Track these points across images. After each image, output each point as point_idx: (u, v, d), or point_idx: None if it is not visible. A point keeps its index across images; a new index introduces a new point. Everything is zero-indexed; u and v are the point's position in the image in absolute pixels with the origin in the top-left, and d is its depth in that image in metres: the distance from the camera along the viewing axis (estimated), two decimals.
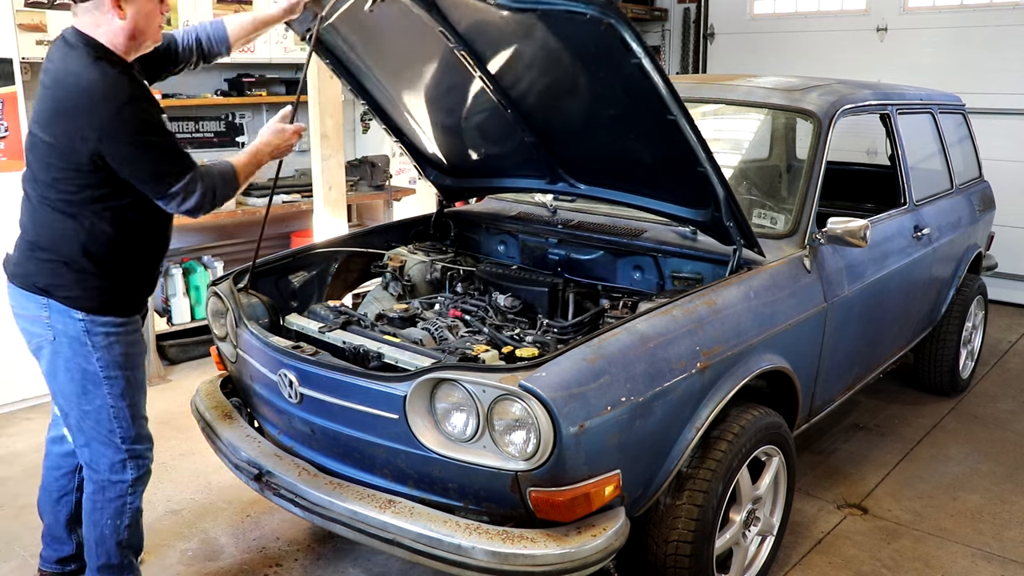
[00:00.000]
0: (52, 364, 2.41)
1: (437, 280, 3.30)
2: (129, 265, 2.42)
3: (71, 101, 2.19)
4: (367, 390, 2.26)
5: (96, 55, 2.20)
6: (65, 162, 2.24)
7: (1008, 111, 6.10)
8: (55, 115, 2.22)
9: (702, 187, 2.57)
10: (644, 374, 2.23)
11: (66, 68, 2.21)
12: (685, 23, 7.93)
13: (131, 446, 2.46)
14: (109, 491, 2.47)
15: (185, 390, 4.43)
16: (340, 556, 3.02)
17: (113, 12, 2.21)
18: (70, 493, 2.71)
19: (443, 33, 2.60)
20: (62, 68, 2.22)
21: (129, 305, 2.44)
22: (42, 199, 2.33)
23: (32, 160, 2.34)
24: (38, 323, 2.39)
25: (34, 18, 4.28)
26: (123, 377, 2.42)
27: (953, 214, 4.18)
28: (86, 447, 2.46)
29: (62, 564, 2.76)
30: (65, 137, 2.21)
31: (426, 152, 3.48)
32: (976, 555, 3.12)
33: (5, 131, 4.05)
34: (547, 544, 2.08)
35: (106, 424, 2.42)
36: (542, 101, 2.78)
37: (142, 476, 2.51)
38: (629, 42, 2.17)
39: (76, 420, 2.44)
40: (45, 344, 2.40)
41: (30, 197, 2.37)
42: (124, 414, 2.44)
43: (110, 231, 2.33)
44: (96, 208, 2.30)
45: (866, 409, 4.38)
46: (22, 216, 2.42)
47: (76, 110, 2.18)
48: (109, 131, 2.18)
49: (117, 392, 2.41)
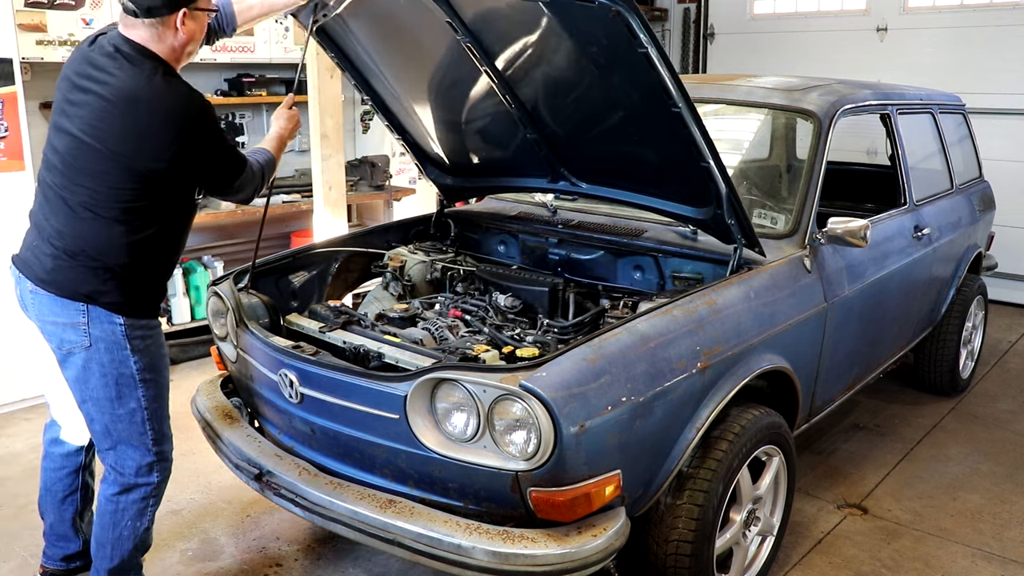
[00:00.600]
0: (84, 370, 2.39)
1: (437, 280, 3.30)
2: (164, 267, 2.48)
3: (146, 119, 2.23)
4: (367, 390, 2.26)
5: (164, 71, 2.28)
6: (129, 174, 2.26)
7: (1008, 111, 6.10)
8: (125, 131, 2.24)
9: (704, 184, 2.57)
10: (644, 374, 2.23)
11: (135, 84, 2.23)
12: (685, 23, 7.93)
13: (160, 448, 2.48)
14: (134, 493, 2.48)
15: (185, 390, 4.43)
16: (340, 556, 3.02)
17: (180, 28, 2.29)
18: (75, 492, 2.72)
19: (450, 24, 2.60)
20: (129, 84, 2.24)
21: (157, 306, 2.50)
22: (84, 206, 2.29)
23: (72, 167, 2.29)
24: (74, 330, 2.35)
25: (34, 18, 4.28)
26: (155, 379, 2.45)
27: (953, 214, 4.18)
28: (112, 451, 2.46)
29: (67, 561, 2.76)
30: (134, 152, 2.24)
31: (427, 150, 3.48)
32: (976, 555, 3.12)
33: (5, 131, 4.05)
34: (547, 544, 2.08)
35: (139, 427, 2.43)
36: (546, 96, 2.78)
37: (166, 479, 2.54)
38: (636, 31, 2.17)
39: (104, 425, 2.43)
40: (78, 351, 2.37)
41: (68, 203, 2.31)
42: (156, 415, 2.46)
43: (155, 236, 2.37)
44: (149, 214, 2.34)
45: (866, 409, 4.38)
46: (49, 222, 2.36)
47: (155, 128, 2.24)
48: (188, 144, 2.27)
49: (152, 394, 2.44)
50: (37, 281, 2.38)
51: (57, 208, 2.34)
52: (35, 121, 4.54)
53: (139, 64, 2.25)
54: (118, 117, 2.24)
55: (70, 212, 2.31)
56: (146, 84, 2.23)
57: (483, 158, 3.37)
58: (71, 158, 2.29)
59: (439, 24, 2.64)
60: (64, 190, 2.31)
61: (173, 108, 2.24)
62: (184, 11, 2.28)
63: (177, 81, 2.30)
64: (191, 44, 2.37)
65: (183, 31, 2.30)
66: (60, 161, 2.31)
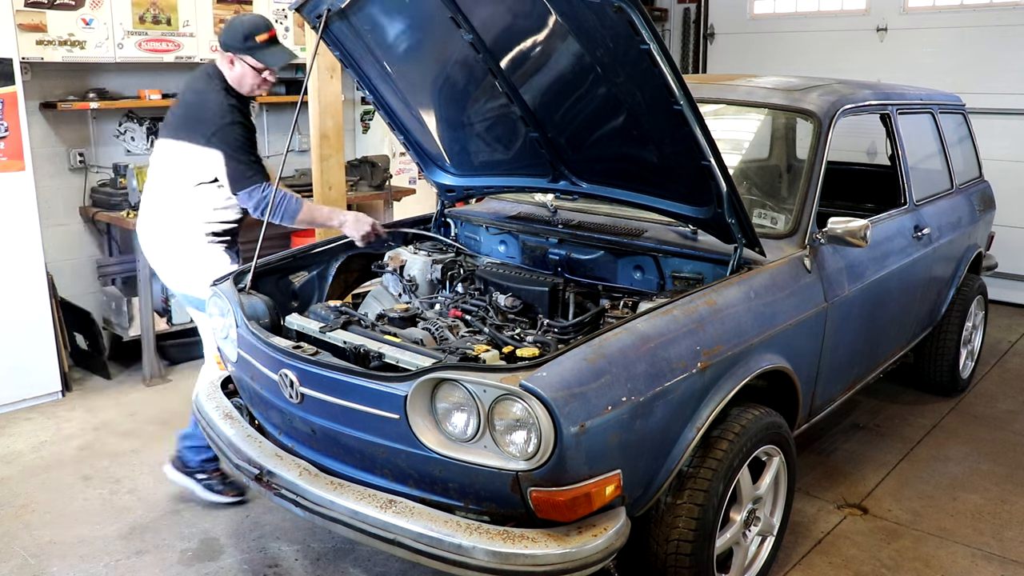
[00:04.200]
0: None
1: (437, 280, 3.30)
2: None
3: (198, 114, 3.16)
4: (368, 390, 2.26)
5: (222, 86, 3.18)
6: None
7: (1008, 111, 6.09)
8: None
9: (704, 183, 2.57)
10: (645, 374, 2.23)
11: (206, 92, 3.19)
12: (685, 23, 7.94)
13: None
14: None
15: (185, 390, 4.43)
16: (340, 556, 3.02)
17: (227, 65, 3.17)
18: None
19: (454, 20, 2.60)
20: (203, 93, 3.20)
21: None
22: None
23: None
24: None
25: (34, 18, 4.28)
26: None
27: (953, 214, 4.18)
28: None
29: (208, 462, 3.33)
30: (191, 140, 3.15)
31: (428, 149, 3.48)
32: (976, 555, 3.12)
33: (5, 131, 4.05)
34: (548, 544, 2.08)
35: None
36: (548, 94, 2.78)
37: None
38: (639, 27, 2.17)
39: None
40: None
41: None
42: None
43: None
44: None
45: (866, 409, 4.38)
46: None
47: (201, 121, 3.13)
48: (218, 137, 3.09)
49: None
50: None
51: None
52: (35, 121, 4.55)
53: (213, 80, 3.21)
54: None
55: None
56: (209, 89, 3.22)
57: (484, 157, 3.37)
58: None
59: (443, 21, 2.65)
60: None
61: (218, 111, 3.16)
62: (231, 55, 3.13)
63: (225, 95, 3.18)
64: (242, 82, 3.17)
65: (230, 67, 3.16)
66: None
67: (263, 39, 3.14)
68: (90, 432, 4.03)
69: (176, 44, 4.85)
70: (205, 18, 4.94)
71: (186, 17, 4.85)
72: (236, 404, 2.89)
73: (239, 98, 3.19)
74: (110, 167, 4.86)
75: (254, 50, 3.13)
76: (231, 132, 3.09)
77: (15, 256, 4.17)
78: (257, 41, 3.13)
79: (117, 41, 4.59)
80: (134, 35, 4.66)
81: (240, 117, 3.12)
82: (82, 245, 4.96)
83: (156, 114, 5.11)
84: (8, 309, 4.21)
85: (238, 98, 3.18)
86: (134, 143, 5.07)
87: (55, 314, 4.40)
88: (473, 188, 3.58)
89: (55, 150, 4.76)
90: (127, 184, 4.61)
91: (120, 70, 4.88)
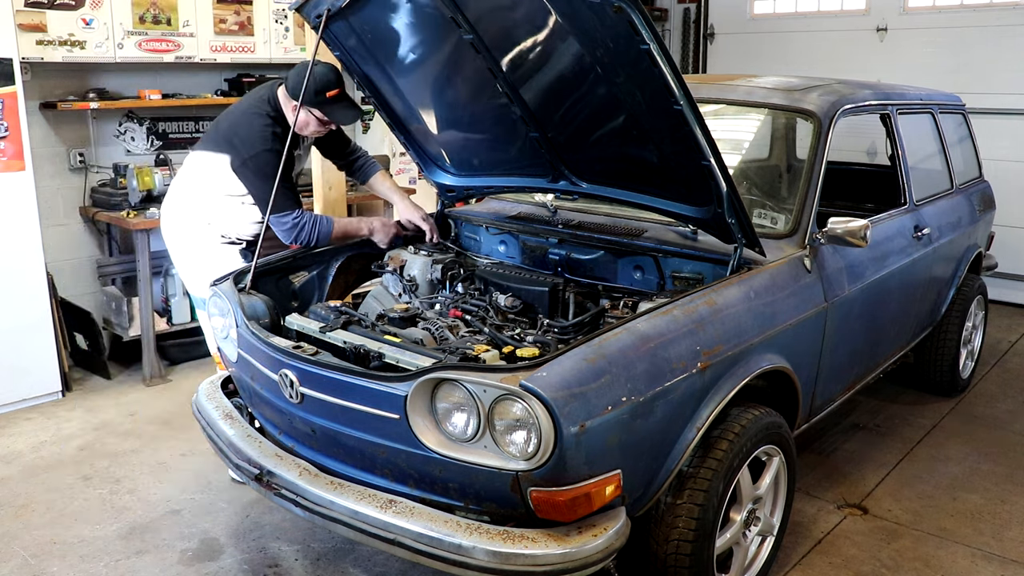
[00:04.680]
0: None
1: (437, 280, 3.30)
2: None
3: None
4: (368, 390, 2.26)
5: (272, 113, 3.26)
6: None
7: (1008, 111, 6.09)
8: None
9: (704, 183, 2.57)
10: (645, 374, 2.23)
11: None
12: (685, 23, 7.94)
13: None
14: None
15: (185, 390, 4.43)
16: (340, 556, 3.02)
17: (291, 110, 3.23)
18: None
19: (454, 20, 2.60)
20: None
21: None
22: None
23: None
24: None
25: (34, 18, 4.28)
26: None
27: (953, 214, 4.18)
28: None
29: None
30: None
31: (428, 149, 3.48)
32: (976, 555, 3.12)
33: (5, 131, 4.05)
34: (548, 544, 2.08)
35: None
36: (548, 94, 2.78)
37: None
38: (639, 27, 2.17)
39: None
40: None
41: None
42: None
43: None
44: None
45: (866, 409, 4.38)
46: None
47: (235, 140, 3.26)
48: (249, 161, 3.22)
49: None
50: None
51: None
52: (35, 121, 4.55)
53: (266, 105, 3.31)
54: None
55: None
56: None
57: (484, 157, 3.37)
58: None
59: (444, 21, 2.65)
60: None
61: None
62: (293, 104, 3.18)
63: (273, 124, 3.27)
64: (304, 128, 3.27)
65: (292, 110, 3.21)
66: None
67: (333, 95, 3.18)
68: (90, 432, 4.03)
69: (176, 44, 4.85)
70: (205, 18, 4.94)
71: (186, 17, 4.85)
72: (236, 404, 2.89)
73: (284, 126, 3.23)
74: (110, 167, 4.87)
75: (323, 105, 3.19)
76: (266, 158, 3.15)
77: (15, 256, 4.17)
78: (328, 96, 3.17)
79: (117, 41, 4.60)
80: (134, 35, 4.66)
81: (278, 145, 3.13)
82: (82, 245, 4.96)
83: (156, 114, 5.11)
84: (8, 309, 4.21)
85: (283, 126, 3.23)
86: (134, 143, 5.08)
87: (55, 314, 4.40)
88: (473, 188, 3.58)
89: (55, 150, 4.77)
90: (127, 184, 4.61)
91: (120, 70, 4.89)
